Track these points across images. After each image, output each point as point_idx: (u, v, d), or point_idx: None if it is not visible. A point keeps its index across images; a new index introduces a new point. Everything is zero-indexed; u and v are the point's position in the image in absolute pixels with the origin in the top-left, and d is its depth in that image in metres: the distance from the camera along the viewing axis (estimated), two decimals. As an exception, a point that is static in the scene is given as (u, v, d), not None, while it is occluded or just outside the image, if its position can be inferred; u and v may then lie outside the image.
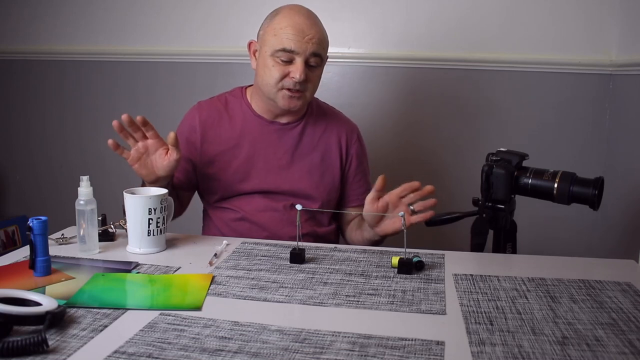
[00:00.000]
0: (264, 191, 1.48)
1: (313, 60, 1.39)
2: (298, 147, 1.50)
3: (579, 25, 2.05)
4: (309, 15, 1.41)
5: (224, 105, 1.52)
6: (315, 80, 1.43)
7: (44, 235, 1.07)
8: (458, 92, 2.16)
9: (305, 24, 1.37)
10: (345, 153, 1.54)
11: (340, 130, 1.54)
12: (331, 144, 1.52)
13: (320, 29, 1.41)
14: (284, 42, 1.36)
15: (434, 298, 1.01)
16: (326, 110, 1.58)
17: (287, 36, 1.36)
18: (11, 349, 0.76)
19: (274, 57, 1.38)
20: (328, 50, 1.46)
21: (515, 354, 0.81)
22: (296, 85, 1.38)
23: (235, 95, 1.54)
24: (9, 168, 2.59)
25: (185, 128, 1.51)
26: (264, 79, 1.41)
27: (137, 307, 0.95)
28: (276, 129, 1.49)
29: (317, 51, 1.38)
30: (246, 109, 1.51)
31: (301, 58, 1.37)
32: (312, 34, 1.37)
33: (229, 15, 2.25)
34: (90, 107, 2.44)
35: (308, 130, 1.51)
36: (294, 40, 1.36)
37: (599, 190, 1.26)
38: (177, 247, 1.28)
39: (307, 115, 1.52)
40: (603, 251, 2.05)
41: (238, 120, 1.50)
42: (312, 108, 1.54)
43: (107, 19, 2.36)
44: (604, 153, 2.09)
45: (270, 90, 1.41)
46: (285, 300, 1.00)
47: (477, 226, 1.36)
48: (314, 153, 1.51)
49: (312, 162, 1.50)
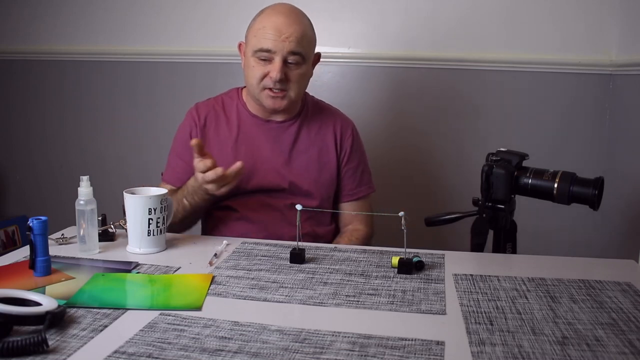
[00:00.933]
0: (263, 190, 1.48)
1: (292, 58, 1.40)
2: (295, 144, 1.50)
3: (579, 25, 2.05)
4: (289, 14, 1.41)
5: (221, 106, 1.53)
6: (298, 79, 1.42)
7: (44, 235, 1.07)
8: (457, 92, 2.16)
9: (283, 23, 1.38)
10: (339, 147, 1.54)
11: (336, 126, 1.55)
12: (327, 139, 1.53)
13: (301, 27, 1.41)
14: (261, 42, 1.38)
15: (434, 298, 1.01)
16: (322, 107, 1.58)
17: (265, 36, 1.38)
18: (11, 349, 0.76)
19: (255, 57, 1.41)
20: (322, 49, 1.46)
21: (515, 354, 0.81)
22: (276, 85, 1.39)
23: (231, 96, 1.55)
24: (9, 168, 2.58)
25: (186, 130, 1.52)
26: (248, 80, 1.44)
27: (137, 307, 0.95)
28: (272, 128, 1.50)
29: (295, 50, 1.39)
30: (242, 109, 1.52)
31: (279, 57, 1.38)
32: (290, 32, 1.38)
33: (229, 15, 2.25)
34: (90, 107, 2.44)
35: (304, 128, 1.52)
36: (271, 39, 1.38)
37: (599, 190, 1.26)
38: (177, 247, 1.28)
39: (303, 113, 1.53)
40: (603, 251, 2.05)
41: (234, 121, 1.51)
42: (307, 105, 1.55)
43: (107, 19, 2.35)
44: (604, 153, 2.09)
45: (254, 90, 1.43)
46: (285, 300, 1.00)
47: (477, 226, 1.36)
48: (311, 150, 1.51)
49: (310, 159, 1.51)
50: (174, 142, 1.56)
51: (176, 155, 1.53)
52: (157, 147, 2.37)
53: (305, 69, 1.45)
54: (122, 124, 2.42)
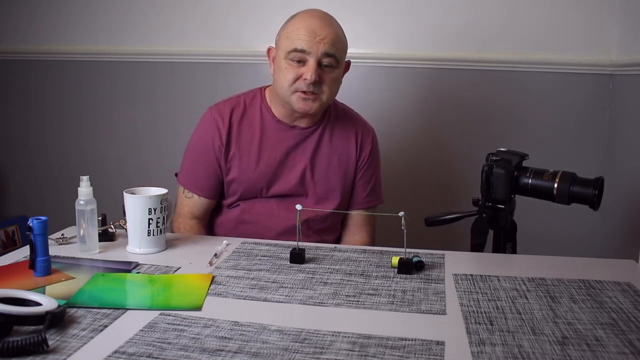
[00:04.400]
0: (281, 195, 1.47)
1: (326, 60, 1.37)
2: (318, 151, 1.48)
3: (579, 25, 2.05)
4: (323, 17, 1.40)
5: (243, 108, 1.48)
6: (330, 83, 1.39)
7: (44, 235, 1.07)
8: (458, 92, 2.16)
9: (317, 25, 1.37)
10: (359, 154, 1.52)
11: (357, 132, 1.52)
12: (349, 146, 1.51)
13: (335, 30, 1.40)
14: (295, 42, 1.36)
15: (434, 298, 1.01)
16: (345, 113, 1.55)
17: (299, 37, 1.36)
18: (11, 349, 0.76)
19: (287, 60, 1.37)
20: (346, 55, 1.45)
21: (515, 354, 0.81)
22: (309, 87, 1.36)
23: (253, 98, 1.50)
24: (9, 168, 2.58)
25: (207, 134, 1.47)
26: (279, 82, 1.40)
27: (137, 307, 0.95)
28: (296, 134, 1.47)
29: (329, 51, 1.36)
30: (266, 113, 1.48)
31: (313, 58, 1.35)
32: (324, 34, 1.36)
33: (229, 15, 2.25)
34: (90, 107, 2.44)
35: (327, 134, 1.49)
36: (305, 40, 1.35)
37: (599, 190, 1.26)
38: (177, 247, 1.28)
39: (326, 119, 1.50)
40: (603, 251, 2.05)
41: (257, 125, 1.47)
42: (330, 111, 1.52)
43: (107, 19, 2.35)
44: (604, 153, 2.09)
45: (285, 93, 1.39)
46: (285, 300, 1.00)
47: (477, 226, 1.36)
48: (333, 157, 1.49)
49: (331, 165, 1.49)
50: (193, 145, 1.50)
51: (195, 160, 1.49)
52: (157, 147, 2.38)
53: (338, 73, 1.42)
54: (122, 124, 2.42)
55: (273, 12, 2.08)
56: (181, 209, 1.49)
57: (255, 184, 1.46)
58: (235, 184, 1.47)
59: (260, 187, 1.46)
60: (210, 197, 1.49)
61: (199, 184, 1.48)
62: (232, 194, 1.48)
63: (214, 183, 1.48)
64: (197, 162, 1.48)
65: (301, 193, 1.48)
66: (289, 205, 1.45)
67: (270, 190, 1.47)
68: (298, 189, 1.47)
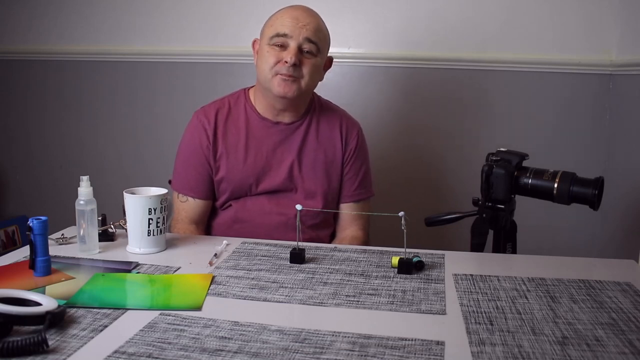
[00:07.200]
0: (271, 191, 1.48)
1: (307, 46, 1.40)
2: (303, 146, 1.49)
3: (579, 25, 2.05)
4: (307, 9, 1.45)
5: (227, 109, 1.50)
6: (310, 70, 1.41)
7: (44, 235, 1.07)
8: (458, 92, 2.16)
9: (301, 14, 1.42)
10: (344, 147, 1.53)
11: (342, 126, 1.54)
12: (334, 139, 1.52)
13: (318, 21, 1.44)
14: (278, 28, 1.40)
15: (434, 298, 1.01)
16: (329, 107, 1.57)
17: (283, 23, 1.40)
18: (11, 349, 0.76)
19: (270, 45, 1.41)
20: (329, 50, 1.46)
21: (515, 354, 0.81)
22: (289, 70, 1.38)
23: (237, 98, 1.53)
24: (9, 168, 2.58)
25: (195, 137, 1.48)
26: (260, 67, 1.43)
27: (137, 307, 0.95)
28: (281, 130, 1.49)
29: (311, 37, 1.40)
30: (250, 111, 1.50)
31: (295, 42, 1.39)
32: (307, 21, 1.40)
33: (229, 15, 2.25)
34: (90, 107, 2.44)
35: (312, 129, 1.51)
36: (288, 25, 1.39)
37: (599, 190, 1.26)
38: (177, 247, 1.28)
39: (310, 113, 1.52)
40: (603, 251, 2.05)
41: (243, 124, 1.49)
42: (314, 105, 1.53)
43: (107, 19, 2.35)
44: (604, 153, 2.09)
45: (266, 77, 1.41)
46: (285, 300, 1.00)
47: (477, 226, 1.36)
48: (319, 151, 1.51)
49: (318, 160, 1.50)
50: (183, 149, 1.52)
51: (186, 163, 1.50)
52: (157, 147, 2.38)
53: (319, 62, 1.44)
54: (122, 123, 2.42)
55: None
56: (178, 215, 1.50)
57: (244, 182, 1.47)
58: (224, 182, 1.48)
59: (249, 184, 1.47)
60: (204, 197, 1.49)
61: (191, 186, 1.48)
62: (223, 192, 1.49)
63: (207, 183, 1.49)
64: (188, 164, 1.50)
65: (290, 188, 1.49)
66: (280, 201, 1.47)
67: (259, 187, 1.47)
68: (287, 185, 1.48)
